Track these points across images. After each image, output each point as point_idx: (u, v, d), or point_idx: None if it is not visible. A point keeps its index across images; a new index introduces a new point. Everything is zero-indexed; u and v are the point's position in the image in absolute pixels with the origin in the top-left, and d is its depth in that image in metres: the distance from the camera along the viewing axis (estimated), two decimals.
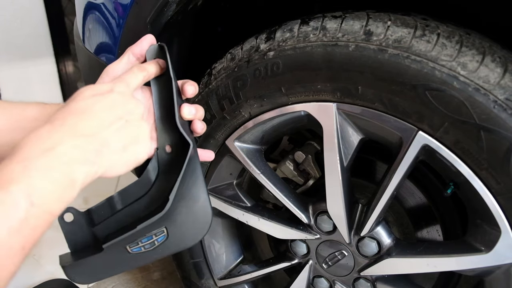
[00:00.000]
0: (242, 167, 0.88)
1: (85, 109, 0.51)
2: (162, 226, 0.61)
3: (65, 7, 2.57)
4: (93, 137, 0.49)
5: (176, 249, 0.64)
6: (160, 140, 0.65)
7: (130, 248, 0.61)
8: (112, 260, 0.61)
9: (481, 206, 0.62)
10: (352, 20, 0.65)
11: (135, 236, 0.60)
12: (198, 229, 0.64)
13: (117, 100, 0.55)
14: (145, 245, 0.61)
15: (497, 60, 0.57)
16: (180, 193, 0.62)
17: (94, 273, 0.61)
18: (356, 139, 0.72)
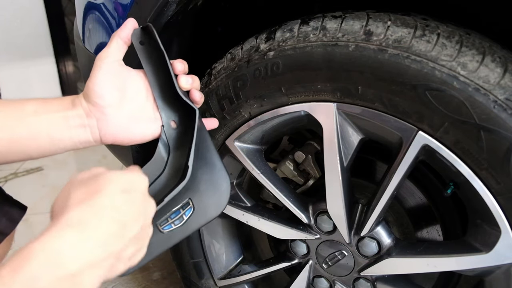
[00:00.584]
0: (242, 167, 0.88)
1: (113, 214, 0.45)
2: (186, 197, 0.62)
3: (65, 7, 2.57)
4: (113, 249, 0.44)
5: (204, 221, 0.64)
6: (164, 117, 0.67)
7: (162, 227, 0.62)
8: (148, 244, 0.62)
9: (481, 206, 0.62)
10: (352, 20, 0.65)
11: (164, 211, 0.60)
12: (221, 197, 0.66)
13: (138, 201, 0.50)
14: (175, 221, 0.62)
15: (497, 60, 0.57)
16: (196, 161, 0.62)
17: None
18: (356, 139, 0.72)
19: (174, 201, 0.61)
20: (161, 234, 0.62)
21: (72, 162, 2.34)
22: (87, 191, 0.46)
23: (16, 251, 0.39)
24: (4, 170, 2.24)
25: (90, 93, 0.62)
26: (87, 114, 0.62)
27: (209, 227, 0.98)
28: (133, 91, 0.65)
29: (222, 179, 0.66)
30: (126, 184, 0.49)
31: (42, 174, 2.18)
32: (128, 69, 0.66)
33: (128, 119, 0.64)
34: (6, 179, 2.14)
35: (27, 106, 0.60)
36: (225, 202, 0.66)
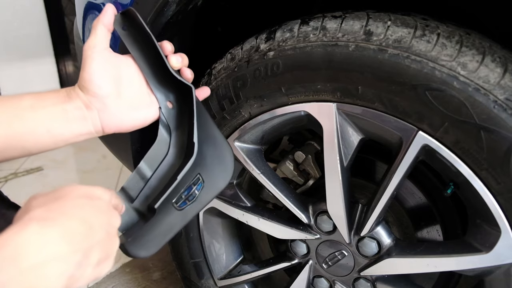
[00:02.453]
0: (242, 167, 0.88)
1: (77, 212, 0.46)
2: (196, 173, 0.65)
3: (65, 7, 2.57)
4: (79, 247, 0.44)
5: (215, 193, 0.67)
6: (160, 99, 0.68)
7: (178, 205, 0.65)
8: (165, 223, 0.64)
9: (481, 206, 0.62)
10: (352, 20, 0.65)
11: (177, 189, 0.63)
12: (226, 167, 0.68)
13: (102, 209, 0.51)
14: (189, 198, 0.65)
15: (497, 60, 0.57)
16: (199, 136, 0.65)
17: (153, 242, 0.64)
18: (356, 139, 0.72)
19: (185, 179, 0.64)
20: (178, 212, 0.65)
21: (72, 162, 2.34)
22: (49, 198, 0.47)
23: None
24: (4, 170, 2.24)
25: (88, 84, 0.61)
26: (87, 106, 0.62)
27: (209, 227, 0.98)
28: (127, 78, 0.65)
29: (225, 150, 0.68)
30: (89, 192, 0.51)
31: (42, 174, 2.18)
32: (117, 55, 0.65)
33: (128, 106, 0.65)
34: (6, 179, 2.14)
35: (23, 101, 0.59)
36: (231, 172, 0.68)
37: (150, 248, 0.64)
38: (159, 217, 0.64)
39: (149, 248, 0.64)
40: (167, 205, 0.64)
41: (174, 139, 0.69)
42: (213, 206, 0.92)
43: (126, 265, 1.51)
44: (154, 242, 0.64)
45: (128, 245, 0.62)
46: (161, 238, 0.65)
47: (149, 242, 0.64)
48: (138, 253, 0.63)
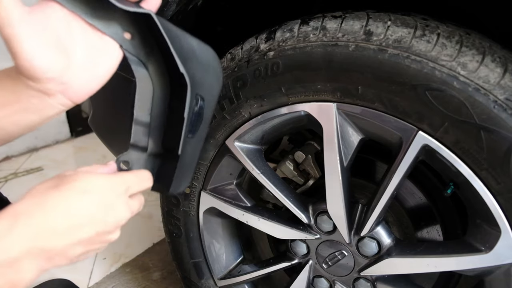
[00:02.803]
0: (242, 167, 0.88)
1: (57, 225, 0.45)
2: (194, 95, 0.62)
3: None
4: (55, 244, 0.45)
5: (215, 101, 0.67)
6: (115, 35, 0.58)
7: (191, 135, 0.64)
8: (188, 155, 0.64)
9: (481, 206, 0.62)
10: (352, 20, 0.65)
11: (187, 123, 0.61)
12: (215, 69, 0.65)
13: (99, 206, 0.49)
14: (196, 121, 0.64)
15: (497, 60, 0.57)
16: (180, 56, 0.59)
17: (185, 175, 0.66)
18: (356, 139, 0.72)
19: (190, 108, 0.61)
20: (193, 140, 0.64)
21: (72, 162, 2.33)
22: (47, 186, 0.46)
23: None
24: (4, 170, 2.24)
25: (33, 73, 0.48)
26: (47, 94, 0.52)
27: (209, 227, 0.98)
28: (67, 33, 0.51)
29: (207, 53, 0.64)
30: (90, 186, 0.48)
31: (42, 174, 2.18)
32: (40, 10, 0.49)
33: (87, 67, 0.54)
34: (6, 179, 2.14)
35: None
36: (220, 70, 0.66)
37: (185, 181, 0.66)
38: (183, 156, 0.63)
39: (185, 181, 0.66)
40: (184, 142, 0.62)
41: (152, 70, 0.62)
42: (213, 206, 0.92)
43: (126, 265, 1.51)
44: (186, 174, 0.66)
45: (165, 187, 0.63)
46: (190, 168, 0.66)
47: (183, 177, 0.65)
48: (179, 190, 0.65)
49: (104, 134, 1.12)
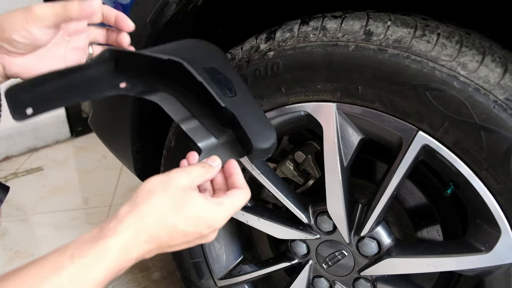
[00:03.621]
0: (242, 167, 0.87)
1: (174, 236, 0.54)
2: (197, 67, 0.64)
3: None
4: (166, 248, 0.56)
5: (227, 63, 0.69)
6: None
7: (229, 94, 0.65)
8: (246, 112, 0.64)
9: (481, 206, 0.62)
10: (352, 20, 0.65)
11: (212, 87, 0.63)
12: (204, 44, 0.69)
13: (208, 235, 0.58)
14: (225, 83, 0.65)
15: (497, 60, 0.57)
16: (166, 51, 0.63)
17: (262, 131, 0.64)
18: (356, 139, 0.72)
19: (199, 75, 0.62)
20: (236, 98, 0.64)
21: (72, 162, 2.33)
22: (170, 207, 0.53)
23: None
24: (4, 170, 2.24)
25: (6, 32, 0.56)
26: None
27: None
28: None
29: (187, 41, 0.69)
30: (201, 212, 0.55)
31: (42, 174, 2.18)
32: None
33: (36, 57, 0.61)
34: (6, 179, 2.14)
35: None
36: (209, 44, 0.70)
37: (266, 133, 0.64)
38: (236, 111, 0.63)
39: (266, 133, 0.64)
40: (228, 101, 0.63)
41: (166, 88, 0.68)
42: None
43: None
44: (261, 126, 0.64)
45: (250, 146, 0.63)
46: (259, 119, 0.65)
47: (259, 130, 0.64)
48: (266, 143, 0.63)
49: (104, 134, 1.12)
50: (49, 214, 1.83)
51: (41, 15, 0.56)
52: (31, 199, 1.95)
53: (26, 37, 0.57)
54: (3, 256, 1.58)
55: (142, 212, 0.52)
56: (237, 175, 0.62)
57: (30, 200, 1.94)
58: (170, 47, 0.67)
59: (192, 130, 0.67)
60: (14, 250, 1.61)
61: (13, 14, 0.56)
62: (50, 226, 1.75)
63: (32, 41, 0.58)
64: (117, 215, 0.52)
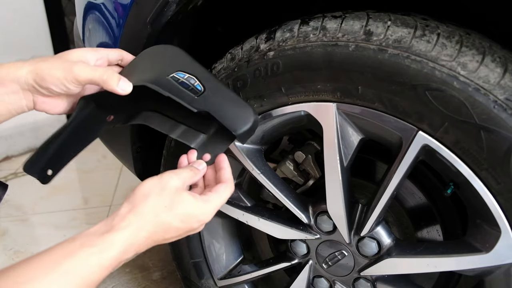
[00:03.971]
0: (242, 167, 0.88)
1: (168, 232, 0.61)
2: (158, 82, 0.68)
3: (65, 7, 2.57)
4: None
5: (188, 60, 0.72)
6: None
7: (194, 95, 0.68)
8: (218, 104, 0.67)
9: (481, 206, 0.62)
10: (352, 20, 0.65)
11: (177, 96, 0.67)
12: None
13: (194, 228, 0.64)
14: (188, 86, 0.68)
15: (497, 60, 0.57)
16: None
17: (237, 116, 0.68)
18: (356, 139, 0.72)
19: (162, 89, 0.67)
20: (205, 93, 0.67)
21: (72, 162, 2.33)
22: (164, 206, 0.60)
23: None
24: (4, 170, 2.24)
25: (46, 82, 0.64)
26: (24, 90, 0.66)
27: (209, 227, 0.98)
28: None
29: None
30: (194, 210, 0.62)
31: None
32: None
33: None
34: (6, 179, 2.14)
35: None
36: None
37: (243, 116, 0.67)
38: (211, 109, 0.65)
39: (242, 116, 0.67)
40: (197, 101, 0.66)
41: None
42: None
43: (126, 265, 1.51)
44: (236, 112, 0.67)
45: (231, 134, 0.66)
46: (234, 105, 0.68)
47: (234, 116, 0.67)
48: (243, 127, 0.66)
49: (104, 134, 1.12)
50: (49, 214, 1.83)
51: (81, 80, 0.64)
52: (31, 199, 1.95)
53: (63, 90, 0.65)
54: (3, 256, 1.58)
55: (141, 212, 0.58)
56: (224, 169, 0.69)
57: (30, 200, 1.94)
58: (135, 64, 0.72)
59: (181, 136, 0.73)
60: (14, 250, 1.61)
61: (54, 67, 0.64)
62: (50, 226, 1.75)
63: (67, 92, 0.66)
64: (118, 213, 0.58)
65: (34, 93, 0.67)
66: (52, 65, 0.65)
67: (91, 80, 0.65)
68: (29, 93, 0.66)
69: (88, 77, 0.64)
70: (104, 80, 0.64)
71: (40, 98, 0.68)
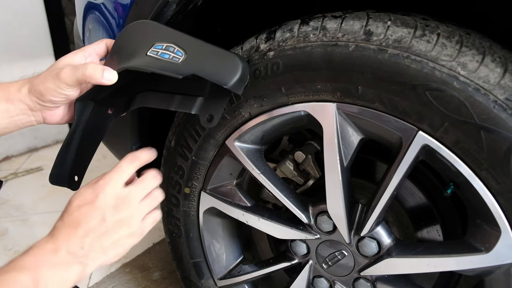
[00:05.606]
0: (242, 167, 0.88)
1: (73, 220, 0.64)
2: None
3: (65, 7, 2.57)
4: (81, 244, 0.62)
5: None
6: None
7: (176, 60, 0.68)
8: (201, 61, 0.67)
9: (481, 206, 0.62)
10: (352, 20, 0.65)
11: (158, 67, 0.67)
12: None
13: (99, 209, 0.64)
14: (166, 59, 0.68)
15: (497, 60, 0.57)
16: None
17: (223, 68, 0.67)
18: (356, 139, 0.72)
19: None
20: (187, 56, 0.67)
21: None
22: (87, 200, 0.65)
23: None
24: (4, 170, 2.24)
25: (46, 96, 0.68)
26: (31, 109, 0.71)
27: (209, 227, 0.98)
28: None
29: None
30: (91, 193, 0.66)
31: (42, 174, 2.18)
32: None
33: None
34: (6, 179, 2.14)
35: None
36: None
37: (230, 68, 0.66)
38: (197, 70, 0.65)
39: (229, 69, 0.66)
40: (181, 67, 0.65)
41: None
42: (213, 206, 0.92)
43: (126, 265, 1.51)
44: (221, 65, 0.66)
45: (223, 87, 0.65)
46: (217, 59, 0.67)
47: (220, 69, 0.66)
48: (232, 79, 0.65)
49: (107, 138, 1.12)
50: (49, 214, 1.83)
51: (70, 83, 0.67)
52: (31, 199, 1.95)
53: (63, 98, 0.69)
54: (3, 256, 1.58)
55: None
56: None
57: (30, 200, 1.94)
58: (114, 50, 0.73)
59: (180, 106, 0.72)
60: (14, 250, 1.61)
61: (46, 79, 0.68)
62: (50, 226, 1.75)
63: (68, 98, 0.70)
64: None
65: (41, 110, 0.71)
66: (43, 77, 0.68)
67: (78, 80, 0.66)
68: (37, 111, 0.71)
69: (73, 79, 0.66)
70: (88, 75, 0.65)
71: (48, 113, 0.72)
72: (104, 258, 0.64)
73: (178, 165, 0.91)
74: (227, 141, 0.83)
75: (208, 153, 0.86)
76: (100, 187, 0.65)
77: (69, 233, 0.62)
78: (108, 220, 0.63)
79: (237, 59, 0.66)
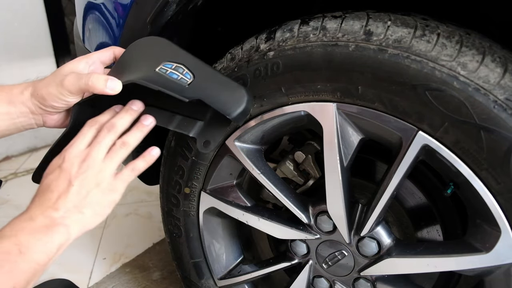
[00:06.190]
0: (242, 167, 0.88)
1: (43, 188, 0.64)
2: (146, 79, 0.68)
3: (65, 7, 2.57)
4: (55, 207, 0.62)
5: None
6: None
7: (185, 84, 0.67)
8: (208, 89, 0.67)
9: (481, 206, 0.62)
10: (352, 20, 0.65)
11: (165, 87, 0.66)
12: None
13: (64, 171, 0.65)
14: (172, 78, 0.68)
15: (497, 60, 0.57)
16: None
17: (230, 99, 0.67)
18: (356, 139, 0.72)
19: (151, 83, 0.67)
20: (195, 81, 0.67)
21: None
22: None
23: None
24: (4, 170, 2.24)
25: (48, 101, 0.69)
26: (33, 112, 0.71)
27: (209, 227, 0.98)
28: None
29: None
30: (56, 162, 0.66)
31: None
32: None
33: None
34: (6, 179, 2.14)
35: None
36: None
37: (236, 100, 0.66)
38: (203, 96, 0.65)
39: (234, 100, 0.66)
40: (188, 90, 0.65)
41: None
42: (213, 206, 0.92)
43: (126, 265, 1.51)
44: (228, 95, 0.66)
45: (227, 118, 0.65)
46: (224, 89, 0.67)
47: (227, 100, 0.66)
48: (237, 109, 0.65)
49: None
50: None
51: (73, 91, 0.68)
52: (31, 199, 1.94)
53: (64, 103, 0.70)
54: None
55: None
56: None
57: (30, 200, 1.94)
58: (123, 61, 0.73)
59: (179, 126, 0.72)
60: None
61: (49, 85, 0.69)
62: None
63: (69, 104, 0.71)
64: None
65: (42, 114, 0.72)
66: (47, 82, 0.69)
67: (81, 89, 0.67)
68: (38, 114, 0.72)
69: (76, 87, 0.67)
70: (91, 85, 0.66)
71: (48, 117, 0.73)
72: (82, 217, 0.63)
73: (178, 165, 0.91)
74: (227, 141, 0.83)
75: (208, 153, 0.87)
76: (64, 152, 0.66)
77: (42, 200, 0.63)
78: (75, 179, 0.64)
79: (244, 91, 0.67)
